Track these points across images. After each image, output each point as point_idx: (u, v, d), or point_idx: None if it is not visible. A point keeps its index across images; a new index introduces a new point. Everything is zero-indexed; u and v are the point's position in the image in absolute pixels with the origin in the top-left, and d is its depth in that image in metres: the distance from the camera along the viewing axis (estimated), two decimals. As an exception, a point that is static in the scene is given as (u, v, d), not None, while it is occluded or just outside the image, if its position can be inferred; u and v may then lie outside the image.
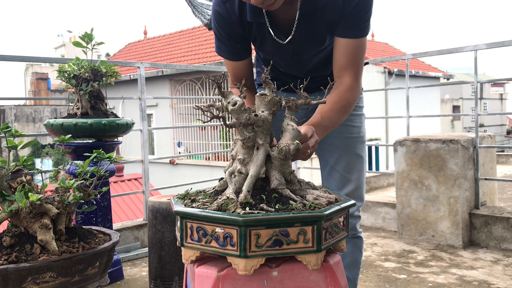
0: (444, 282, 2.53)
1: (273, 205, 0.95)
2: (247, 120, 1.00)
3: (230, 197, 0.96)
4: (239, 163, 1.03)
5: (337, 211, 0.97)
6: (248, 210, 0.92)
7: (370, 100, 12.96)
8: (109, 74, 2.44)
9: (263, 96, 1.05)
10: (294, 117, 1.09)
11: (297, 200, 0.98)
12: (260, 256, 0.91)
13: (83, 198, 1.26)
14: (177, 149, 12.92)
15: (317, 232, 0.91)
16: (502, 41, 3.20)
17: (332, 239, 0.97)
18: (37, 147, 19.71)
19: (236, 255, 0.90)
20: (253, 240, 0.89)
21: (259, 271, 0.93)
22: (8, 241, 1.16)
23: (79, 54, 2.81)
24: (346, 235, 1.04)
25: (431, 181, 3.27)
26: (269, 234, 0.90)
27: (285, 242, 0.91)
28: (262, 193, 0.99)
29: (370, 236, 3.53)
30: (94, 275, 1.21)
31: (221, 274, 0.94)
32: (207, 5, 3.65)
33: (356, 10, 1.32)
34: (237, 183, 1.01)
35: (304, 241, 0.91)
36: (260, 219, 0.89)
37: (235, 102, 1.01)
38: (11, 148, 1.19)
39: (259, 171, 1.00)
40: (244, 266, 0.90)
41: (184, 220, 0.97)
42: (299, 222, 0.91)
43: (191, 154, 3.92)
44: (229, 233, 0.90)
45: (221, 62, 11.08)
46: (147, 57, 15.22)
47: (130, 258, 3.06)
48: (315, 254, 0.92)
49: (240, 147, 1.03)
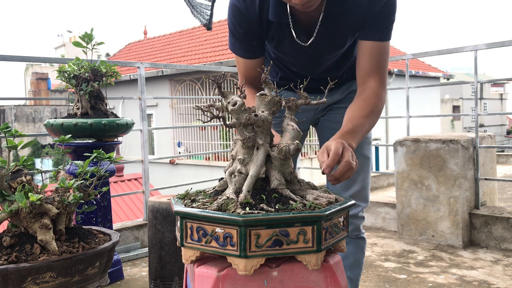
0: (444, 282, 2.53)
1: (273, 205, 0.95)
2: (247, 120, 1.00)
3: (230, 197, 0.96)
4: (239, 163, 1.03)
5: (337, 211, 0.97)
6: (248, 210, 0.92)
7: (370, 100, 12.93)
8: (109, 74, 2.44)
9: (263, 96, 1.05)
10: (294, 117, 1.09)
11: (297, 200, 0.98)
12: (260, 256, 0.91)
13: (83, 198, 1.26)
14: (177, 149, 12.92)
15: (317, 232, 0.91)
16: (502, 41, 3.19)
17: (332, 239, 0.97)
18: (37, 147, 19.71)
19: (236, 255, 0.90)
20: (253, 240, 0.89)
21: (259, 271, 0.93)
22: (8, 241, 1.16)
23: (79, 54, 2.81)
24: (346, 235, 1.04)
25: (431, 181, 3.27)
26: (269, 234, 0.90)
27: (285, 242, 0.91)
28: (262, 193, 0.99)
29: (370, 236, 3.53)
30: (94, 275, 1.21)
31: (221, 274, 0.94)
32: (206, 5, 3.65)
33: (381, 13, 1.31)
34: (237, 183, 1.01)
35: (304, 241, 0.91)
36: (260, 219, 0.89)
37: (235, 102, 1.01)
38: (11, 148, 1.19)
39: (259, 171, 1.00)
40: (244, 266, 0.90)
41: (184, 220, 0.97)
42: (299, 222, 0.91)
43: (191, 154, 3.93)
44: (229, 233, 0.90)
45: (221, 62, 11.09)
46: (147, 57, 15.22)
47: (130, 258, 3.06)
48: (315, 254, 0.92)
49: (240, 147, 1.03)
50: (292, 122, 1.08)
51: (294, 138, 1.05)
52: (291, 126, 1.07)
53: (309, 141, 12.19)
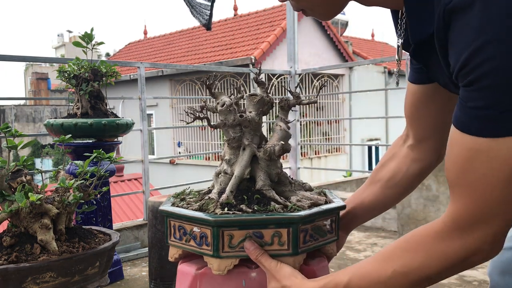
0: (444, 282, 2.53)
1: (254, 206, 0.94)
2: (233, 121, 1.00)
3: (211, 197, 0.97)
4: (225, 163, 1.02)
5: (317, 214, 0.95)
6: (227, 210, 0.92)
7: (370, 100, 12.96)
8: (109, 74, 2.44)
9: (253, 96, 1.04)
10: (285, 117, 1.08)
11: (280, 202, 0.96)
12: (233, 257, 0.91)
13: (83, 198, 1.26)
14: (177, 149, 12.92)
15: (293, 234, 0.90)
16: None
17: (314, 243, 0.95)
18: (37, 147, 19.71)
19: (210, 255, 0.91)
20: (226, 240, 0.90)
21: (237, 271, 0.93)
22: (8, 241, 1.16)
23: (79, 54, 2.80)
24: (334, 239, 1.02)
25: (431, 181, 3.27)
26: (242, 235, 0.90)
27: (259, 244, 0.90)
28: (247, 194, 0.98)
29: (370, 236, 3.53)
30: (94, 275, 1.21)
31: (199, 272, 0.95)
32: (205, 5, 3.65)
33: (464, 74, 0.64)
34: (222, 183, 1.01)
35: (279, 244, 0.90)
36: (232, 220, 0.89)
37: (223, 103, 1.01)
38: (11, 148, 1.19)
39: (243, 172, 1.00)
40: (218, 266, 0.91)
41: (168, 218, 0.99)
42: (273, 224, 0.90)
43: (191, 154, 3.94)
44: (204, 232, 0.91)
45: (221, 62, 11.09)
46: (147, 57, 15.22)
47: (130, 258, 3.06)
48: (291, 257, 0.91)
49: (227, 147, 1.03)
50: (281, 122, 1.06)
51: (281, 138, 1.03)
52: (279, 126, 1.05)
53: (309, 141, 12.20)
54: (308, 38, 11.86)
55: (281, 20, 11.70)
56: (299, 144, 4.52)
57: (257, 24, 12.53)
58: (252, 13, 13.60)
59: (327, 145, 13.17)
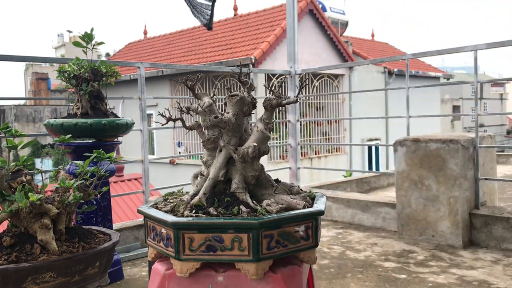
0: (444, 282, 2.53)
1: (220, 209, 0.93)
2: (207, 122, 0.98)
3: (182, 199, 0.96)
4: (203, 165, 1.01)
5: (283, 219, 0.91)
6: (193, 213, 0.91)
7: (370, 100, 12.96)
8: (109, 74, 2.44)
9: (233, 96, 1.01)
10: (268, 118, 1.05)
11: (251, 206, 0.94)
12: (193, 260, 0.90)
13: (83, 198, 1.26)
14: (177, 149, 12.91)
15: (254, 240, 0.87)
16: (502, 41, 3.19)
17: (282, 249, 0.92)
18: (37, 147, 19.70)
19: (173, 257, 0.91)
20: (186, 243, 0.89)
21: (204, 274, 0.92)
22: (8, 241, 1.15)
23: (79, 54, 2.80)
24: (311, 246, 0.98)
25: (431, 181, 3.27)
26: (202, 238, 0.89)
27: (219, 248, 0.89)
28: (220, 197, 0.96)
29: (370, 236, 3.53)
30: (94, 275, 1.21)
31: (167, 273, 0.95)
32: (206, 5, 3.65)
33: None
34: (199, 185, 1.00)
35: (239, 249, 0.88)
36: (190, 223, 0.88)
37: (204, 103, 1.00)
38: (11, 148, 1.19)
39: (217, 174, 0.98)
40: (180, 268, 0.90)
41: (145, 219, 0.99)
42: (232, 229, 0.87)
43: (191, 154, 3.93)
44: (169, 234, 0.91)
45: (221, 62, 11.09)
46: (147, 57, 15.21)
47: (130, 258, 3.06)
48: (253, 263, 0.88)
49: (205, 149, 1.02)
50: (260, 123, 1.03)
51: (257, 140, 1.00)
52: (256, 127, 1.02)
53: (309, 141, 12.19)
54: (308, 38, 11.86)
55: (281, 20, 11.70)
56: (299, 144, 4.52)
57: (257, 24, 12.53)
58: (252, 13, 13.60)
59: (327, 145, 13.17)
